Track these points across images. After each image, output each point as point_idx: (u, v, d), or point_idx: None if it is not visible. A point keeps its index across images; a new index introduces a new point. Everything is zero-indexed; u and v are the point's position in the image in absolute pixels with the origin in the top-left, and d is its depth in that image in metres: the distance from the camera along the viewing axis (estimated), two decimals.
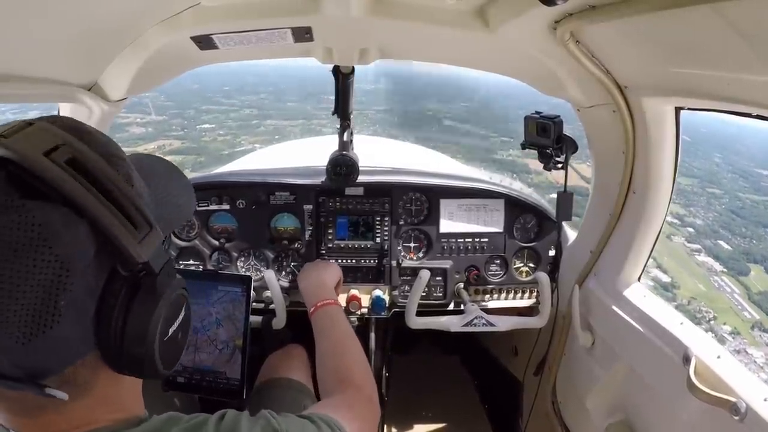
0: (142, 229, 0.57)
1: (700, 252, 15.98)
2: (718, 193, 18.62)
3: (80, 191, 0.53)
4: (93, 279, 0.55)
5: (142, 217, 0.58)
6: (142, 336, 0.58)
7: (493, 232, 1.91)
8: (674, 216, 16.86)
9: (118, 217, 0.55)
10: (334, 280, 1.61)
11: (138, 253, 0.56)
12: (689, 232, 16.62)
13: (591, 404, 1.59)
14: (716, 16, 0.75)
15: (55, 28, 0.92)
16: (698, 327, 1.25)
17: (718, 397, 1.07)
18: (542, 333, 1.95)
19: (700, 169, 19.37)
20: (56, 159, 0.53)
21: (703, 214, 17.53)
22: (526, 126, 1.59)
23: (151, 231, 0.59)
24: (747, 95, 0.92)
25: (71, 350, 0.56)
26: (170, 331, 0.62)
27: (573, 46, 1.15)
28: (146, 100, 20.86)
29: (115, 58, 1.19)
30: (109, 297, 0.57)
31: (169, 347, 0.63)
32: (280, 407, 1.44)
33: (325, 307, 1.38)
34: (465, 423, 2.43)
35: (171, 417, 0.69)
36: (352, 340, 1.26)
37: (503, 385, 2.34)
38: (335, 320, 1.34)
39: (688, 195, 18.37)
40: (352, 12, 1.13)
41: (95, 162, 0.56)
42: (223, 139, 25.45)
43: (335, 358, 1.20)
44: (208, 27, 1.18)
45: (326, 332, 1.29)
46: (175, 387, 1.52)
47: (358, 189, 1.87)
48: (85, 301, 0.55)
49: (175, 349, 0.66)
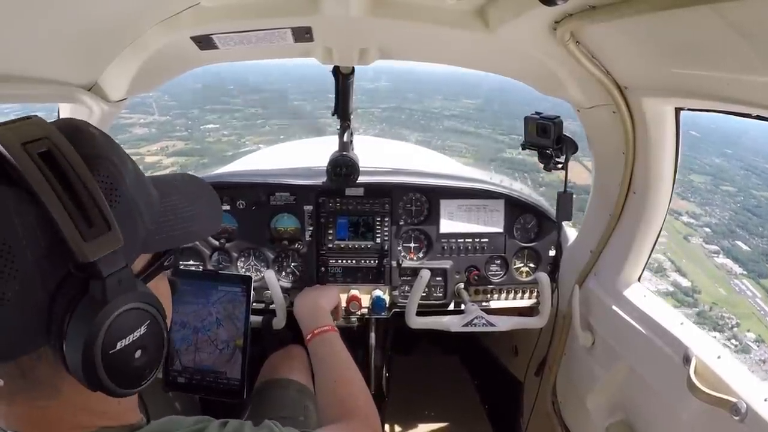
0: (97, 229, 0.55)
1: (718, 253, 15.10)
2: (732, 191, 17.80)
3: (39, 180, 0.53)
4: (48, 272, 0.55)
5: (102, 217, 0.56)
6: (80, 341, 0.55)
7: (493, 233, 1.91)
8: (691, 215, 16.19)
9: (70, 210, 0.54)
10: (331, 305, 1.58)
11: (83, 251, 0.54)
12: (706, 233, 15.84)
13: (591, 404, 1.59)
14: (716, 16, 0.75)
15: (55, 29, 0.92)
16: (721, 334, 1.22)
17: (718, 397, 1.07)
18: (542, 333, 1.95)
19: (712, 166, 18.61)
20: (30, 149, 0.54)
21: (719, 213, 16.72)
22: (526, 126, 1.59)
23: (108, 233, 0.56)
24: (747, 95, 0.92)
25: (19, 339, 0.55)
26: (119, 344, 0.58)
27: (573, 46, 1.14)
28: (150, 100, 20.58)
29: (115, 58, 1.19)
30: (61, 294, 0.56)
31: (120, 363, 0.58)
32: (281, 408, 1.45)
33: (322, 335, 1.36)
34: (465, 423, 2.43)
35: (171, 421, 0.69)
36: (353, 370, 1.24)
37: (503, 385, 2.34)
38: (334, 348, 1.32)
39: (703, 193, 17.52)
40: (352, 12, 1.13)
41: (69, 157, 0.56)
42: (228, 139, 25.10)
43: (338, 387, 1.18)
44: (208, 27, 1.18)
45: (326, 361, 1.27)
46: (175, 387, 1.52)
47: (358, 189, 1.87)
48: (37, 293, 0.55)
49: (130, 367, 0.60)
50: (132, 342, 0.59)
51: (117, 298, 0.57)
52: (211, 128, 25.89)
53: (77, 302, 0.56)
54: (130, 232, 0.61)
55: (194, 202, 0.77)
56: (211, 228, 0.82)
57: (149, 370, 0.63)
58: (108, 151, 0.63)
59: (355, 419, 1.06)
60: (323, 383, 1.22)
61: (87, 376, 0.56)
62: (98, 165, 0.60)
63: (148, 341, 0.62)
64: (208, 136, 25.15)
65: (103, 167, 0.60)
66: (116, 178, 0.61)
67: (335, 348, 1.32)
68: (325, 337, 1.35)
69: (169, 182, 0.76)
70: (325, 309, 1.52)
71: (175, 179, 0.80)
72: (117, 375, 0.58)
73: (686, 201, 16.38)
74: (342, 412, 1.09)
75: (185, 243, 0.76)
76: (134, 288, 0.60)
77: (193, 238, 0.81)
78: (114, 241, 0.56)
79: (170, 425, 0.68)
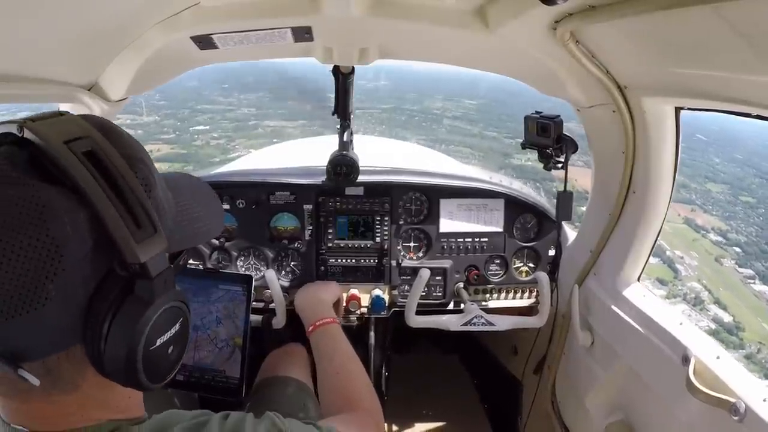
0: (145, 231, 0.57)
1: (754, 279, 13.19)
2: (752, 202, 16.02)
3: (89, 181, 0.54)
4: (89, 272, 0.55)
5: (149, 220, 0.58)
6: (124, 339, 0.56)
7: (493, 232, 1.91)
8: (717, 232, 14.26)
9: (121, 212, 0.55)
10: (332, 299, 1.59)
11: (134, 252, 0.55)
12: (737, 253, 14.00)
13: (590, 404, 1.60)
14: (716, 16, 0.75)
15: (55, 29, 0.92)
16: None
17: (717, 397, 1.07)
18: (542, 333, 1.95)
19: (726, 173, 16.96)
20: (75, 148, 0.55)
21: (745, 229, 14.88)
22: (526, 126, 1.59)
23: (155, 235, 0.58)
24: (747, 95, 0.92)
25: (55, 338, 0.56)
26: (158, 341, 0.60)
27: (573, 46, 1.14)
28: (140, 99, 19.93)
29: (115, 59, 1.19)
30: (102, 293, 0.56)
31: (156, 359, 0.60)
32: (280, 406, 1.45)
33: (324, 326, 1.36)
34: (464, 422, 2.44)
35: (171, 414, 0.69)
36: (356, 362, 1.24)
37: (503, 385, 2.34)
38: (337, 340, 1.32)
39: (724, 205, 15.86)
40: (352, 12, 1.13)
41: (113, 158, 0.57)
42: (216, 143, 23.98)
43: (342, 380, 1.18)
44: (208, 27, 1.18)
45: (329, 353, 1.27)
46: (174, 385, 1.52)
47: (358, 189, 1.87)
48: (77, 292, 0.55)
49: (164, 363, 0.62)
50: (168, 338, 0.62)
51: (162, 296, 0.59)
52: (201, 130, 24.76)
53: (121, 302, 0.57)
54: None
55: (199, 202, 0.78)
56: (216, 228, 0.83)
57: (177, 363, 0.65)
58: (140, 151, 0.64)
59: (359, 410, 1.07)
60: (326, 375, 1.22)
61: (126, 373, 0.57)
62: (136, 165, 0.61)
63: (180, 337, 0.64)
64: (197, 139, 24.01)
65: (140, 168, 0.61)
66: (149, 179, 0.63)
67: (337, 339, 1.32)
68: (326, 329, 1.36)
69: (176, 182, 0.76)
70: (326, 301, 1.53)
71: (180, 179, 0.80)
72: (152, 370, 0.60)
73: (709, 215, 15.05)
74: (345, 403, 1.10)
75: (197, 243, 0.77)
76: (174, 287, 0.62)
77: (203, 239, 0.82)
78: (161, 243, 0.59)
79: (171, 418, 0.68)
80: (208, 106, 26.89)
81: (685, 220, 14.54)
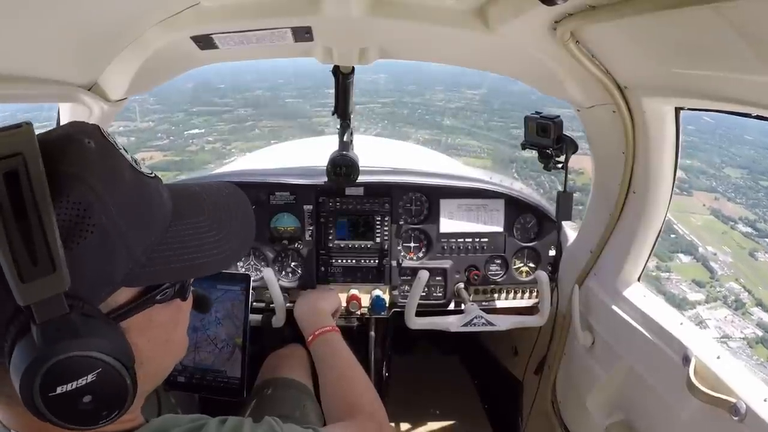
0: (39, 270, 0.50)
1: None
2: None
3: None
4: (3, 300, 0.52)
5: (48, 257, 0.50)
6: (18, 379, 0.52)
7: (493, 232, 1.91)
8: (745, 222, 12.49)
9: (15, 246, 0.49)
10: (332, 308, 1.58)
11: (18, 292, 0.50)
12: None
13: (591, 404, 1.59)
14: (716, 16, 0.75)
15: (55, 29, 0.92)
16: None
17: (717, 397, 1.07)
18: (542, 333, 1.95)
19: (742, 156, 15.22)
20: None
21: None
22: (526, 126, 1.59)
23: (51, 275, 0.50)
24: (747, 95, 0.92)
25: None
26: (58, 389, 0.53)
27: (573, 46, 1.14)
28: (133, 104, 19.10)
29: (114, 58, 1.18)
30: (11, 324, 0.54)
31: (64, 405, 0.54)
32: (281, 406, 1.45)
33: (324, 335, 1.35)
34: (464, 422, 2.44)
35: (168, 419, 0.68)
36: (357, 368, 1.24)
37: (503, 385, 2.34)
38: (337, 348, 1.31)
39: (746, 192, 14.07)
40: (352, 12, 1.12)
41: (34, 182, 0.50)
42: (212, 147, 22.91)
43: (343, 387, 1.17)
44: (208, 27, 1.18)
45: (329, 361, 1.27)
46: (175, 386, 1.52)
47: (358, 189, 1.87)
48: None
49: (78, 410, 0.55)
50: (76, 388, 0.53)
51: (55, 345, 0.52)
52: (196, 133, 23.67)
53: (17, 340, 0.53)
54: (102, 266, 0.57)
55: (220, 226, 0.70)
56: (228, 261, 0.72)
57: (107, 412, 0.57)
58: (94, 171, 0.56)
59: (361, 416, 1.06)
60: (327, 383, 1.21)
61: (31, 411, 0.53)
62: (71, 188, 0.54)
63: (100, 388, 0.55)
64: (191, 143, 22.96)
65: (76, 191, 0.54)
66: (91, 204, 0.55)
67: (337, 347, 1.32)
68: (326, 338, 1.35)
69: (194, 197, 0.70)
70: (325, 311, 1.52)
71: (207, 193, 0.73)
72: (64, 415, 0.54)
73: (733, 203, 13.25)
74: (347, 409, 1.09)
75: (184, 278, 0.68)
76: (82, 334, 0.53)
77: (197, 273, 0.69)
78: (56, 284, 0.51)
79: (167, 424, 0.67)
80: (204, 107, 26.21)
81: (711, 211, 13.08)
